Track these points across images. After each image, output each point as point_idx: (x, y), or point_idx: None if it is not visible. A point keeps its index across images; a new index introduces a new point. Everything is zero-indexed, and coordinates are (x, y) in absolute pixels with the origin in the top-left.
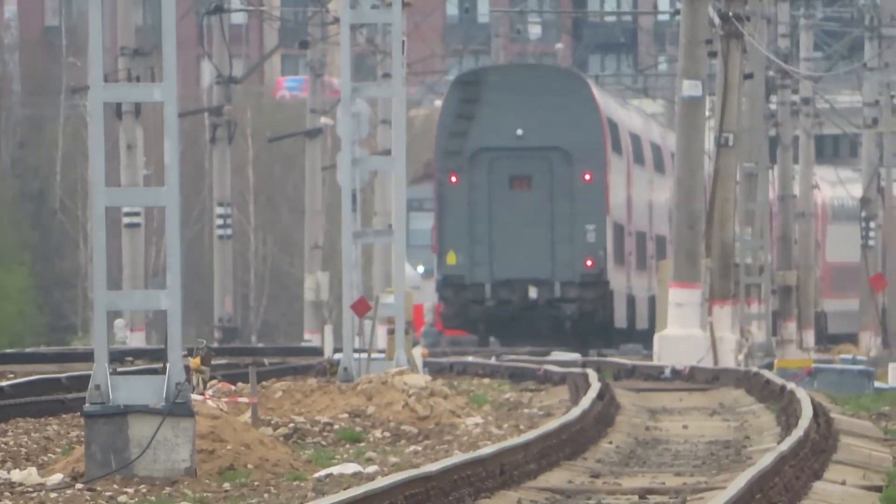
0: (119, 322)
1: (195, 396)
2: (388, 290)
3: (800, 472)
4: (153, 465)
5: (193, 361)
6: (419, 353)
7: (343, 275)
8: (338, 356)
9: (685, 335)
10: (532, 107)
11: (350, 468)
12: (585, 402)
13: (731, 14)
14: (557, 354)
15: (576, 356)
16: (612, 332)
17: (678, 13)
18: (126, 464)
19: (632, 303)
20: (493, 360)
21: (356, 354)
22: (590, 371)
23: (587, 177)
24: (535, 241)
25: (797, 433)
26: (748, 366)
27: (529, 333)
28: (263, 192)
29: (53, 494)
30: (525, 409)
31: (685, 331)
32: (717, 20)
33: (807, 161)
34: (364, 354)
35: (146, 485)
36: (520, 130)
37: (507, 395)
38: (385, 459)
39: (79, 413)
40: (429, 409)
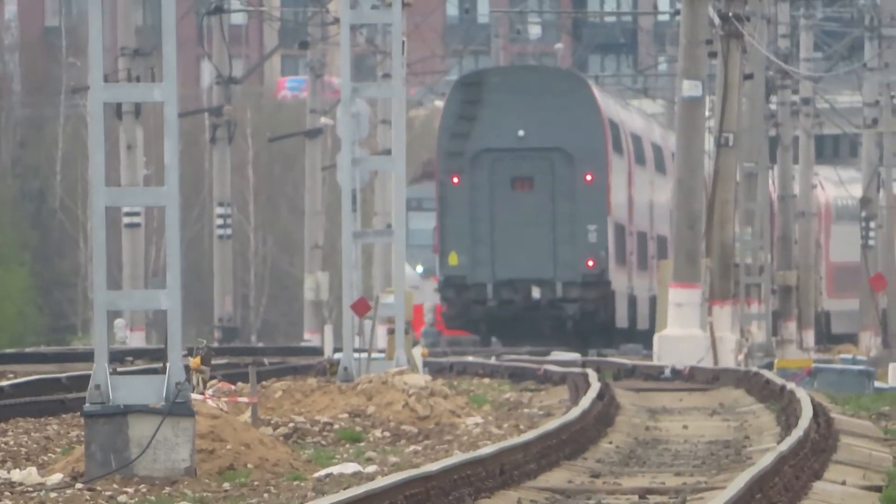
0: (119, 322)
1: (195, 396)
2: (388, 290)
3: (800, 472)
4: (153, 465)
5: (193, 361)
6: (419, 353)
7: (343, 275)
8: (338, 356)
9: (685, 335)
10: (533, 108)
11: (350, 468)
12: (585, 402)
13: (731, 14)
14: (557, 354)
15: (575, 356)
16: (614, 333)
17: (678, 13)
18: (126, 463)
19: (633, 303)
20: (493, 360)
21: (356, 354)
22: (590, 371)
23: (588, 177)
24: (537, 242)
25: (797, 433)
26: (748, 366)
27: (531, 333)
28: (263, 192)
29: (53, 494)
30: (525, 409)
31: (685, 331)
32: (717, 20)
33: (807, 161)
34: (364, 354)
35: (146, 484)
36: (521, 131)
37: (507, 395)
38: (385, 459)
39: (79, 413)
40: (429, 409)
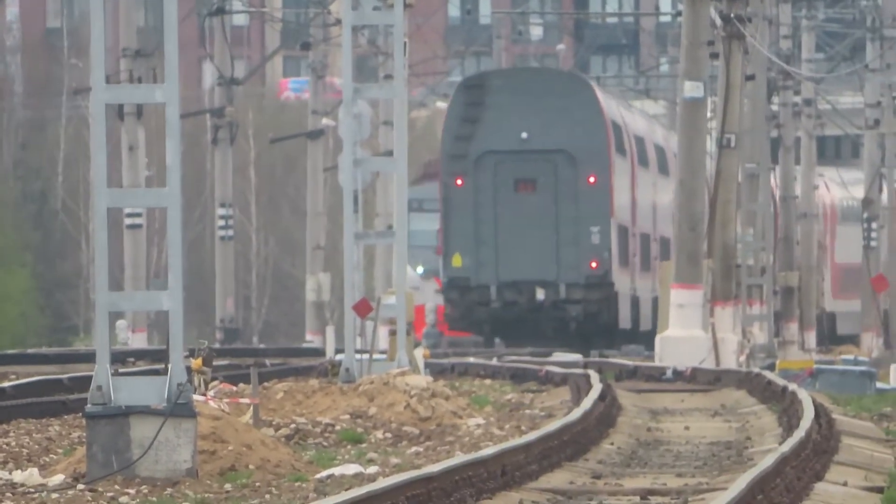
0: (121, 323)
1: (197, 397)
2: (390, 291)
3: (801, 473)
4: (155, 466)
5: (195, 362)
6: (421, 354)
7: (345, 276)
8: (339, 357)
9: (687, 336)
10: (536, 110)
11: (351, 469)
12: (587, 403)
13: (733, 15)
14: (559, 355)
15: (577, 357)
16: (617, 334)
17: (680, 14)
18: (127, 464)
19: (636, 304)
20: (495, 361)
21: (358, 355)
22: (591, 372)
23: (591, 179)
24: (540, 243)
25: (799, 434)
26: (750, 367)
27: (534, 335)
28: (265, 193)
29: (55, 495)
30: (526, 410)
31: (687, 332)
32: (719, 21)
33: (808, 162)
34: (366, 355)
35: (147, 485)
36: (524, 133)
37: (509, 396)
38: (386, 460)
39: (80, 414)
40: (430, 410)
